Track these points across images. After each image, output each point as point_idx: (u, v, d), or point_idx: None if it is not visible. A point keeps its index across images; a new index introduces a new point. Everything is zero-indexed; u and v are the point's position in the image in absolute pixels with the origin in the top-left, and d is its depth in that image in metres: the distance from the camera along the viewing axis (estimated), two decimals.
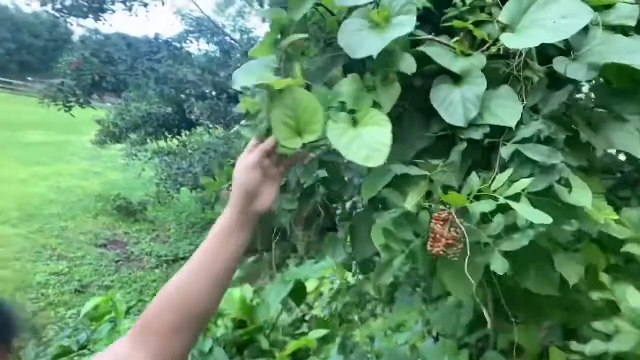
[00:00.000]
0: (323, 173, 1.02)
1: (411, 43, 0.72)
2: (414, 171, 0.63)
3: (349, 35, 0.68)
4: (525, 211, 0.54)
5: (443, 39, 0.73)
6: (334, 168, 1.02)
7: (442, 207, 0.59)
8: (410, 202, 0.60)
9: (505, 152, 0.62)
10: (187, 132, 6.60)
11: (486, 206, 0.54)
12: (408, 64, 0.67)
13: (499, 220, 0.57)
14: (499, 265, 0.55)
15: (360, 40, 0.66)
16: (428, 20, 0.78)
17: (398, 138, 0.63)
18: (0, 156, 9.18)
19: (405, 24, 0.65)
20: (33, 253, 4.94)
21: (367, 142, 0.59)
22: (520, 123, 0.64)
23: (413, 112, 0.75)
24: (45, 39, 45.79)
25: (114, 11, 4.14)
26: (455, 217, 0.57)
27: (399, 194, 0.62)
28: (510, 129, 0.64)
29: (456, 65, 0.67)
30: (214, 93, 4.60)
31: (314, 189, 1.11)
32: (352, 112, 0.66)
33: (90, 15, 4.01)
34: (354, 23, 0.69)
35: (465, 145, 0.64)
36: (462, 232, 0.57)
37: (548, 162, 0.59)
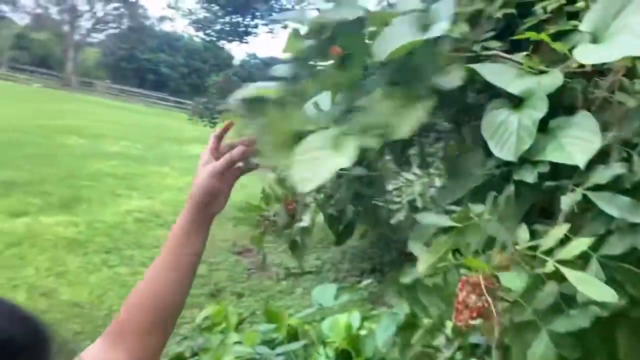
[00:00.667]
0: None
1: (469, 59, 0.61)
2: (437, 219, 0.52)
3: (384, 38, 0.60)
4: (582, 282, 0.40)
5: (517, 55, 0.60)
6: None
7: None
8: (424, 263, 0.49)
9: (567, 200, 0.47)
10: None
11: (515, 280, 0.41)
12: (450, 78, 0.56)
13: (549, 290, 0.43)
14: (541, 350, 0.41)
15: (390, 40, 0.58)
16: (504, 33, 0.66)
17: (451, 172, 0.53)
18: (167, 167, 10.62)
19: (438, 29, 0.55)
20: None
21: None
22: (598, 162, 0.48)
23: (471, 141, 0.63)
24: (210, 64, 52.03)
25: (257, 34, 4.47)
26: (486, 281, 0.45)
27: (424, 247, 0.52)
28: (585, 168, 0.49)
29: (516, 85, 0.54)
30: None
31: None
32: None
33: (236, 39, 4.40)
34: (394, 28, 0.61)
35: (512, 187, 0.50)
36: (495, 303, 0.44)
37: (629, 218, 0.43)
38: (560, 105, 0.52)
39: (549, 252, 0.43)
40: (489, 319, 0.44)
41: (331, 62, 0.72)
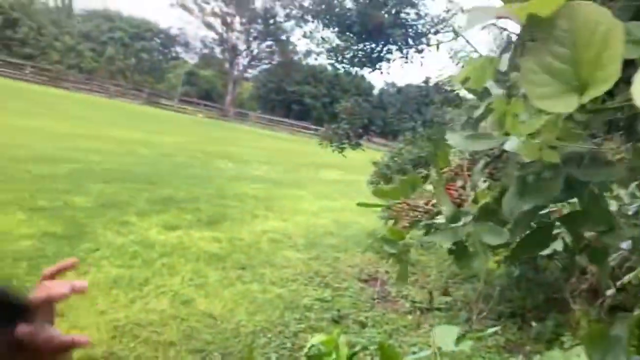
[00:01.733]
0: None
1: None
2: None
3: None
4: None
5: None
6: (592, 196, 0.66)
7: None
8: None
9: None
10: None
11: None
12: None
13: None
14: None
15: None
16: None
17: None
18: (304, 191, 11.10)
19: None
20: (307, 277, 5.64)
21: None
22: None
23: None
24: (351, 93, 53.73)
25: (390, 60, 4.45)
26: None
27: None
28: None
29: None
30: None
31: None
32: None
33: (368, 65, 4.43)
34: None
35: None
36: None
37: None
38: None
39: None
40: None
41: None
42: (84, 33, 44.46)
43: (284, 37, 50.69)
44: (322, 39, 4.13)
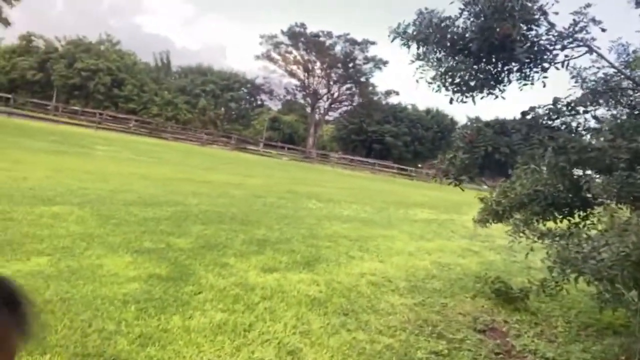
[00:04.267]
0: None
1: None
2: None
3: None
4: None
5: None
6: None
7: None
8: None
9: None
10: (581, 213, 5.67)
11: None
12: None
13: None
14: None
15: None
16: None
17: None
18: (396, 230, 10.59)
19: None
20: (416, 326, 5.10)
21: None
22: None
23: None
24: (434, 131, 52.88)
25: (510, 81, 3.98)
26: None
27: None
28: None
29: None
30: (623, 164, 3.69)
31: None
32: None
33: (483, 89, 4.00)
34: None
35: None
36: None
37: None
38: None
39: None
40: None
41: None
42: (180, 87, 48.47)
43: (363, 79, 51.50)
44: (437, 59, 3.78)
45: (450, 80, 3.77)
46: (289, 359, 3.79)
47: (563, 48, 3.66)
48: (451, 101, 3.91)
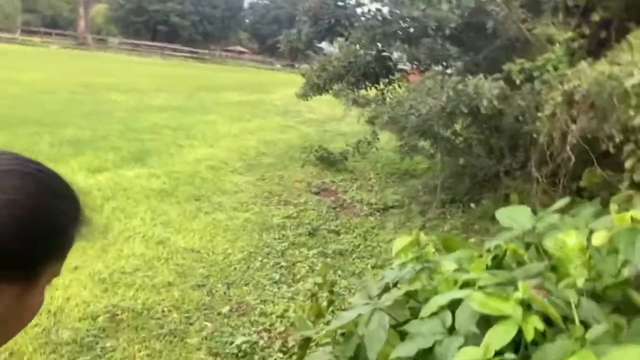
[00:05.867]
0: None
1: None
2: None
3: None
4: None
5: None
6: None
7: None
8: None
9: None
10: (386, 80, 6.56)
11: None
12: None
13: None
14: None
15: None
16: None
17: None
18: (214, 115, 10.49)
19: None
20: (264, 198, 5.52)
21: None
22: None
23: None
24: (222, 9, 50.37)
25: None
26: None
27: None
28: None
29: None
30: (431, 33, 4.33)
31: None
32: None
33: None
34: None
35: None
36: None
37: None
38: None
39: None
40: None
41: None
42: None
43: None
44: None
45: None
46: (160, 248, 3.81)
47: None
48: None
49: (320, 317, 1.78)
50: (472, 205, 5.69)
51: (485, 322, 1.11)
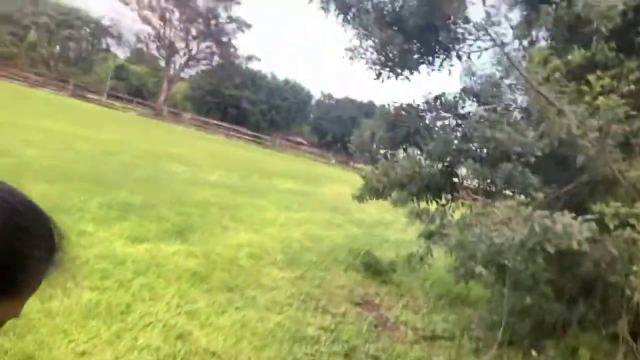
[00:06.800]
0: None
1: None
2: None
3: None
4: None
5: None
6: None
7: None
8: None
9: None
10: (448, 196, 6.18)
11: None
12: None
13: None
14: None
15: None
16: None
17: None
18: (264, 200, 10.39)
19: None
20: (300, 301, 5.03)
21: None
22: None
23: None
24: (290, 102, 53.52)
25: (428, 65, 3.97)
26: None
27: None
28: None
29: None
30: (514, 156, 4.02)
31: None
32: None
33: (403, 70, 3.94)
34: None
35: None
36: None
37: None
38: None
39: None
40: None
41: None
42: (4, 14, 40.25)
43: (225, 39, 49.35)
44: (366, 30, 3.56)
45: (383, 54, 3.64)
46: (179, 344, 3.37)
47: (477, 39, 3.81)
48: (378, 76, 3.80)
49: None
50: (534, 353, 4.94)
51: None
